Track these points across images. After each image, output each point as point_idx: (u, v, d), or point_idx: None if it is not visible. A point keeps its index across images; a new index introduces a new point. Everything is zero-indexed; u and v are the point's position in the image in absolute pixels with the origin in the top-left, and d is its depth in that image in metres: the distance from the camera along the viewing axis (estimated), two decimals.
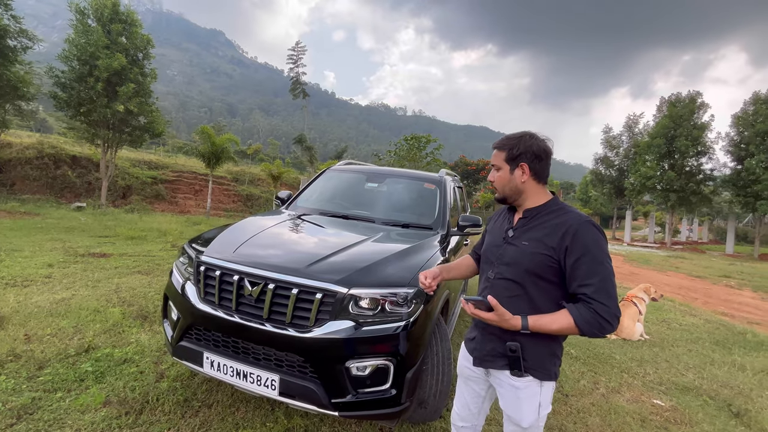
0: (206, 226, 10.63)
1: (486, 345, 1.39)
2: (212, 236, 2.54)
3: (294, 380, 1.89)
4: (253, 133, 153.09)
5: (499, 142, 1.43)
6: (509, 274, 1.34)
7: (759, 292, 9.27)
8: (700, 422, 2.80)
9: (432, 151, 20.79)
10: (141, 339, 3.12)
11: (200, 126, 13.16)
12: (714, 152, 21.67)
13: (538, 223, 1.34)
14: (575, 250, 1.23)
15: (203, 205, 15.20)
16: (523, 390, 1.32)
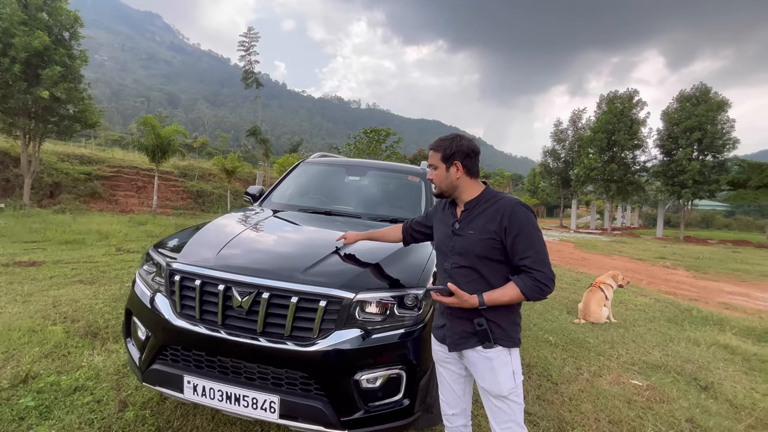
0: (154, 226, 9.71)
1: (456, 329, 1.50)
2: (183, 239, 2.21)
3: (297, 400, 1.67)
4: (199, 125, 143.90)
5: (434, 144, 1.59)
6: (463, 262, 1.48)
7: (691, 271, 10.32)
8: (677, 399, 2.96)
9: (391, 145, 20.74)
10: (94, 361, 2.69)
11: (142, 116, 11.91)
12: (647, 146, 24.01)
13: (479, 212, 1.49)
14: (513, 229, 1.40)
15: (148, 203, 13.89)
16: (495, 360, 1.44)
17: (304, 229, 2.56)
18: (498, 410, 1.48)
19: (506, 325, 1.47)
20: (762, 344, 4.46)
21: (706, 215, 42.26)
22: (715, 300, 6.94)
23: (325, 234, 2.46)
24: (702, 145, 21.05)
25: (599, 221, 33.77)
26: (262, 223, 2.49)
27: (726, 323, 5.16)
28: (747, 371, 3.64)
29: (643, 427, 2.52)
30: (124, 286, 4.45)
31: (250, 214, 2.80)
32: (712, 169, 20.66)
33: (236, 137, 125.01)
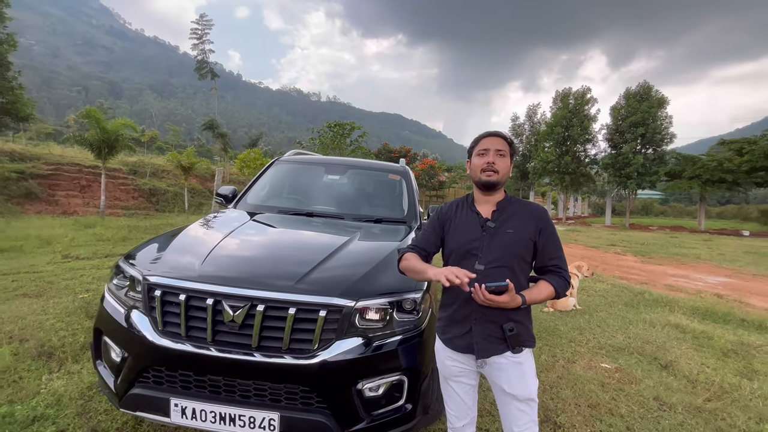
0: (104, 228, 8.93)
1: (485, 334, 1.45)
2: (158, 249, 2.03)
3: (298, 415, 1.60)
4: (145, 117, 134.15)
5: (505, 134, 1.57)
6: (501, 261, 1.45)
7: (638, 256, 11.20)
8: (643, 379, 3.19)
9: (356, 139, 20.53)
10: (53, 386, 2.42)
11: (84, 108, 10.83)
12: (597, 140, 25.75)
13: (512, 212, 1.51)
14: (545, 232, 1.50)
15: (94, 204, 12.74)
16: (525, 363, 1.46)
17: (289, 233, 2.44)
18: (521, 413, 1.46)
19: (528, 326, 1.49)
20: (706, 322, 4.93)
21: (646, 203, 46.17)
22: (662, 283, 7.57)
23: (314, 238, 2.37)
24: (645, 140, 22.92)
25: (554, 211, 35.73)
26: (243, 228, 2.34)
27: (674, 304, 5.65)
28: (697, 348, 4.00)
29: (618, 408, 2.69)
30: (77, 298, 4.06)
31: (228, 218, 2.63)
32: (653, 162, 22.62)
33: (189, 131, 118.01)
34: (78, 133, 11.47)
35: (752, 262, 10.54)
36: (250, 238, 2.25)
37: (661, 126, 22.96)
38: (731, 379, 3.25)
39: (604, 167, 24.98)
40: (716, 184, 20.76)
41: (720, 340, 4.17)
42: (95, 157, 11.20)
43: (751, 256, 11.55)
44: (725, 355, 3.83)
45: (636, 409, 2.70)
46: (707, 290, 7.01)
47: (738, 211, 36.82)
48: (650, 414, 2.64)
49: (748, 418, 2.66)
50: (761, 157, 18.53)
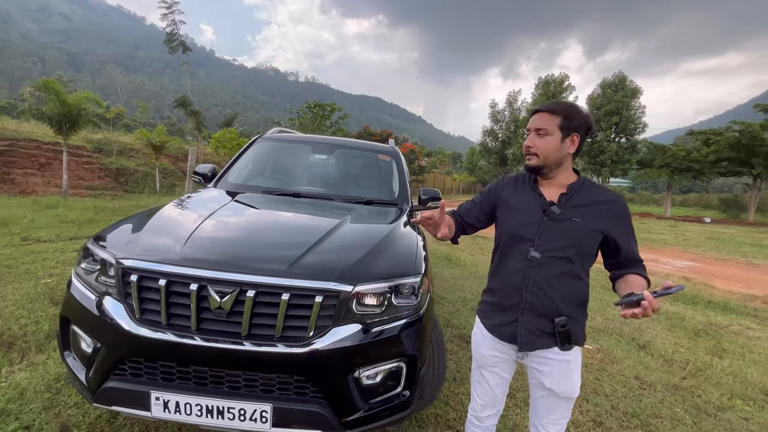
0: (68, 210, 8.36)
1: (531, 326, 1.35)
2: (133, 229, 1.85)
3: (292, 406, 1.51)
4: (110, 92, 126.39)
5: (552, 105, 1.35)
6: (562, 252, 1.31)
7: None
8: (623, 359, 3.29)
9: (337, 120, 20.03)
10: (15, 378, 2.21)
11: (41, 79, 9.90)
12: None
13: (584, 199, 1.34)
14: (624, 225, 1.33)
15: (56, 183, 11.87)
16: (573, 361, 1.36)
17: (277, 214, 2.30)
18: (558, 409, 1.41)
19: (582, 324, 1.38)
20: (677, 304, 5.16)
21: (616, 191, 47.97)
22: None
23: (304, 219, 2.24)
24: (618, 128, 23.62)
25: None
26: (226, 209, 2.18)
27: None
28: (670, 329, 4.17)
29: (602, 388, 2.76)
30: (39, 283, 3.76)
31: (209, 197, 2.45)
32: (626, 150, 23.39)
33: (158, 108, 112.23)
34: (35, 107, 10.55)
35: (714, 247, 11.16)
36: (234, 219, 2.09)
37: (634, 116, 23.69)
38: (703, 358, 3.41)
39: (580, 155, 25.63)
40: (683, 173, 21.74)
41: (691, 321, 4.37)
42: (55, 133, 10.34)
43: (713, 242, 12.23)
44: (696, 335, 4.02)
45: (619, 388, 2.78)
46: (675, 273, 7.37)
47: (699, 199, 38.94)
48: (632, 393, 2.72)
49: (721, 394, 2.79)
50: (726, 148, 19.48)
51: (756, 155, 19.23)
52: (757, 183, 20.98)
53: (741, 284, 6.69)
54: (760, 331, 4.26)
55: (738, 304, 5.27)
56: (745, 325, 4.42)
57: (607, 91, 23.94)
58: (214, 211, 2.07)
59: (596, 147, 23.90)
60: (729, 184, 51.71)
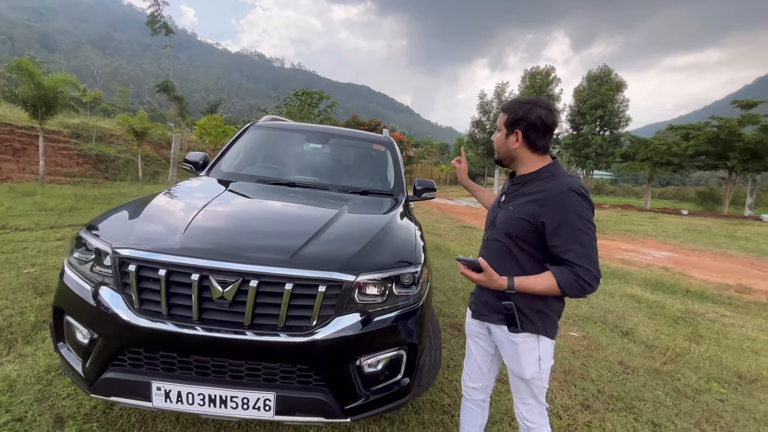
0: (46, 197, 8.06)
1: (482, 298, 1.50)
2: (127, 218, 1.81)
3: (295, 394, 1.52)
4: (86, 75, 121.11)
5: (505, 105, 1.47)
6: (498, 236, 1.43)
7: None
8: (608, 345, 3.42)
9: (325, 109, 19.74)
10: (3, 370, 2.16)
11: (14, 59, 9.36)
12: (560, 119, 26.63)
13: (527, 190, 1.39)
14: (556, 217, 1.27)
15: (32, 169, 11.37)
16: (520, 345, 1.40)
17: (275, 203, 2.27)
18: (519, 388, 1.50)
19: (533, 312, 1.37)
20: (657, 293, 5.37)
21: (598, 183, 49.13)
22: (616, 257, 8.13)
23: (303, 209, 2.23)
24: (603, 122, 24.05)
25: None
26: (222, 198, 2.14)
27: (629, 277, 6.09)
28: (651, 316, 4.34)
29: (589, 373, 2.86)
30: (21, 273, 3.64)
31: (203, 185, 2.41)
32: (609, 143, 23.88)
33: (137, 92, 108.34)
34: (7, 89, 10.03)
35: (691, 238, 11.58)
36: (232, 208, 2.07)
37: (618, 109, 24.12)
38: (682, 344, 3.57)
39: (566, 147, 26.09)
40: (664, 166, 22.36)
41: (671, 309, 4.55)
42: (30, 117, 9.87)
43: (690, 233, 12.68)
44: (675, 322, 4.19)
45: (604, 373, 2.89)
46: (655, 264, 7.63)
47: (677, 192, 40.24)
48: (617, 377, 2.84)
49: (699, 377, 2.93)
50: (704, 143, 20.09)
51: (732, 150, 19.91)
52: (732, 176, 21.76)
53: (716, 274, 6.99)
54: (734, 319, 4.48)
55: (713, 293, 5.50)
56: (720, 313, 4.64)
57: (592, 85, 24.28)
58: (210, 200, 2.03)
59: (581, 140, 24.34)
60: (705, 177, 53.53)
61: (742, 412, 2.50)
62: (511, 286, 1.32)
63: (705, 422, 2.35)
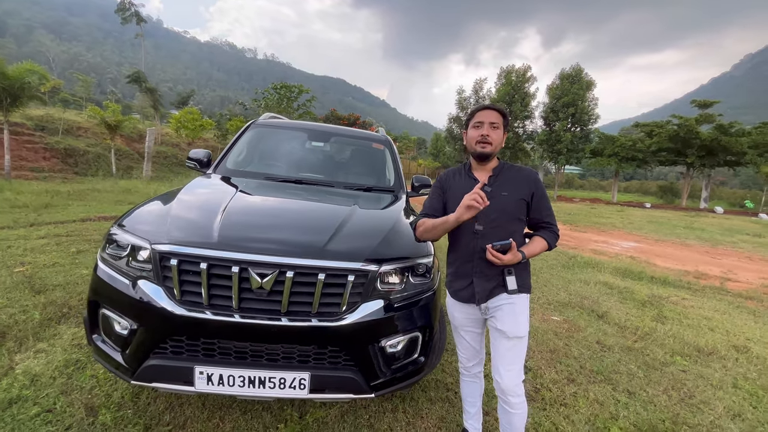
0: (17, 193, 7.68)
1: (486, 285, 1.66)
2: (156, 215, 1.90)
3: (327, 373, 1.69)
4: (41, 62, 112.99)
5: (500, 107, 1.72)
6: (499, 221, 1.63)
7: (567, 225, 12.57)
8: (586, 327, 3.76)
9: (304, 103, 19.54)
10: (25, 366, 2.19)
11: None
12: (534, 116, 27.60)
13: (506, 177, 1.69)
14: (538, 193, 1.69)
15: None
16: (518, 304, 1.63)
17: (292, 200, 2.39)
18: (509, 352, 1.64)
19: (526, 273, 1.69)
20: (626, 280, 5.83)
21: (568, 178, 51.18)
22: (588, 248, 8.65)
23: (320, 205, 2.37)
24: (574, 119, 25.12)
25: None
26: (242, 194, 2.25)
27: (601, 266, 6.56)
28: (622, 301, 4.75)
29: (571, 352, 3.17)
30: (13, 272, 3.57)
31: (219, 183, 2.50)
32: (580, 140, 25.01)
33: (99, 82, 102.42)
34: None
35: (654, 229, 12.42)
36: (255, 204, 2.19)
37: (588, 107, 25.26)
38: (650, 324, 3.96)
39: (539, 143, 27.10)
40: (629, 161, 23.68)
41: (639, 294, 4.99)
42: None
43: (653, 225, 13.58)
44: (643, 305, 4.62)
45: (584, 351, 3.20)
46: (623, 253, 8.19)
47: (640, 186, 42.56)
48: (596, 355, 3.16)
49: (665, 352, 3.30)
50: (666, 140, 21.40)
51: (690, 147, 21.33)
52: (689, 172, 23.31)
53: (676, 262, 7.61)
54: (693, 301, 4.97)
55: (674, 278, 6.04)
56: (680, 296, 5.12)
57: (564, 83, 25.31)
58: (231, 197, 2.14)
59: (554, 136, 25.38)
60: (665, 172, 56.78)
61: (701, 380, 2.87)
62: (524, 256, 1.58)
63: (671, 389, 2.69)
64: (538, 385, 2.61)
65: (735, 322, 4.25)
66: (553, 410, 2.33)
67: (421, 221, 1.75)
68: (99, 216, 6.68)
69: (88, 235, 5.38)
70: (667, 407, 2.46)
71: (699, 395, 2.65)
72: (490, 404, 2.29)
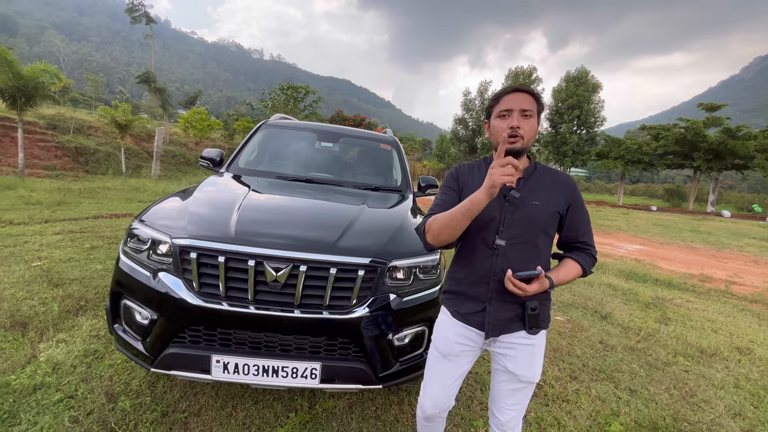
0: (30, 191, 7.86)
1: (503, 313, 1.31)
2: (176, 211, 1.99)
3: (338, 364, 1.76)
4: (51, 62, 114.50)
5: (531, 88, 1.30)
6: (525, 236, 1.28)
7: None
8: (589, 327, 3.80)
9: (311, 104, 19.70)
10: (48, 355, 2.29)
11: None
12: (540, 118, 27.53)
13: (539, 182, 1.32)
14: (577, 206, 1.34)
15: (8, 162, 10.92)
16: (537, 345, 1.34)
17: (304, 198, 2.47)
18: (518, 394, 1.38)
19: (549, 306, 1.37)
20: (630, 281, 5.85)
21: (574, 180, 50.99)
22: None
23: (330, 204, 2.45)
24: (580, 121, 25.10)
25: None
26: (256, 192, 2.34)
27: (605, 267, 6.58)
28: (626, 302, 4.79)
29: (574, 351, 3.22)
30: (31, 266, 3.69)
31: (232, 181, 2.59)
32: (585, 142, 24.99)
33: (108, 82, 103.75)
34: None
35: (659, 232, 12.38)
36: (269, 201, 2.27)
37: (594, 109, 25.22)
38: (653, 325, 3.99)
39: (545, 145, 27.09)
40: (635, 164, 23.57)
41: (642, 295, 5.02)
42: (8, 108, 9.50)
43: (659, 228, 13.53)
44: (647, 307, 4.64)
45: (587, 350, 3.25)
46: (628, 256, 8.20)
47: (647, 189, 42.27)
48: (598, 354, 3.21)
49: (667, 353, 3.34)
50: (672, 143, 21.28)
51: (697, 150, 21.18)
52: (696, 175, 23.15)
53: (681, 265, 7.61)
54: (697, 303, 4.98)
55: (679, 281, 6.05)
56: (685, 299, 5.14)
57: (570, 85, 25.31)
58: (246, 194, 2.22)
59: (559, 138, 25.38)
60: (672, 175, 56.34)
61: (703, 379, 2.91)
62: (552, 284, 1.26)
63: (673, 388, 2.74)
64: (541, 381, 2.66)
65: (739, 324, 4.26)
66: (555, 406, 2.39)
67: (431, 219, 1.30)
68: (110, 213, 6.82)
69: (101, 232, 5.50)
70: (668, 405, 2.50)
71: (700, 394, 2.69)
72: None
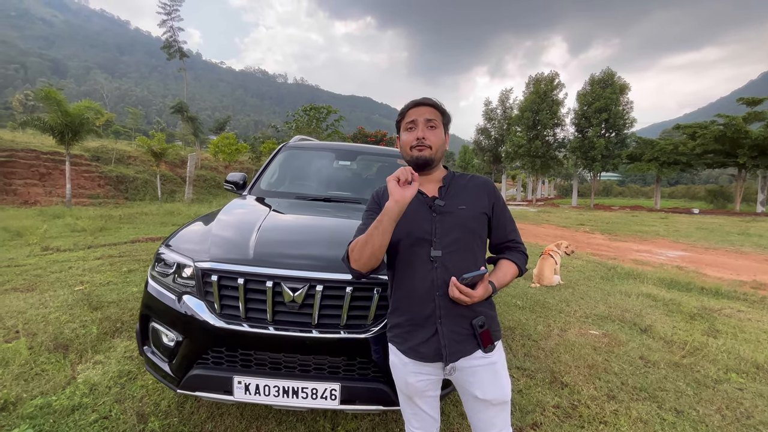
0: (76, 219, 8.45)
1: (456, 331, 1.23)
2: (199, 235, 2.07)
3: (358, 384, 1.74)
4: (96, 98, 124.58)
5: (433, 101, 1.32)
6: (459, 243, 1.25)
7: (606, 234, 12.03)
8: (627, 342, 3.58)
9: (333, 123, 20.22)
10: (85, 376, 2.41)
11: (42, 88, 9.90)
12: (565, 124, 26.97)
13: (460, 188, 1.34)
14: (499, 204, 1.36)
15: (57, 193, 11.87)
16: (498, 362, 1.27)
17: (321, 218, 2.51)
18: (496, 418, 1.28)
19: (495, 315, 1.31)
20: (672, 291, 5.49)
21: (606, 185, 49.00)
22: (628, 257, 8.23)
23: (347, 222, 2.46)
24: (608, 124, 24.27)
25: (523, 194, 37.11)
26: (275, 213, 2.40)
27: (643, 276, 6.21)
28: (668, 314, 4.48)
29: (611, 367, 3.03)
30: (74, 290, 3.93)
31: (253, 204, 2.67)
32: (615, 145, 24.07)
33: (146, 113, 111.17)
34: (37, 118, 10.57)
35: (703, 237, 11.60)
36: (287, 222, 2.32)
37: (623, 111, 24.33)
38: (700, 339, 3.70)
39: (572, 150, 26.32)
40: (671, 165, 22.38)
41: (686, 306, 4.68)
42: (57, 143, 10.39)
43: (702, 232, 12.69)
44: (692, 318, 4.32)
45: (626, 367, 3.05)
46: (669, 263, 7.72)
47: (687, 191, 39.91)
48: (638, 371, 3.00)
49: (718, 369, 3.07)
50: (711, 141, 20.11)
51: (741, 147, 19.89)
52: (742, 174, 21.66)
53: (730, 271, 7.06)
54: (750, 313, 4.59)
55: (728, 289, 5.60)
56: (735, 308, 4.75)
57: (595, 88, 24.62)
58: (265, 216, 2.28)
59: (587, 143, 24.61)
60: (714, 175, 53.02)
61: (760, 398, 2.64)
62: (495, 289, 1.24)
63: (726, 408, 2.50)
64: (575, 401, 2.52)
65: None
66: (592, 428, 2.24)
67: (352, 243, 1.26)
68: (146, 237, 7.20)
69: (138, 255, 5.80)
70: (720, 428, 2.29)
71: (758, 415, 2.44)
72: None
